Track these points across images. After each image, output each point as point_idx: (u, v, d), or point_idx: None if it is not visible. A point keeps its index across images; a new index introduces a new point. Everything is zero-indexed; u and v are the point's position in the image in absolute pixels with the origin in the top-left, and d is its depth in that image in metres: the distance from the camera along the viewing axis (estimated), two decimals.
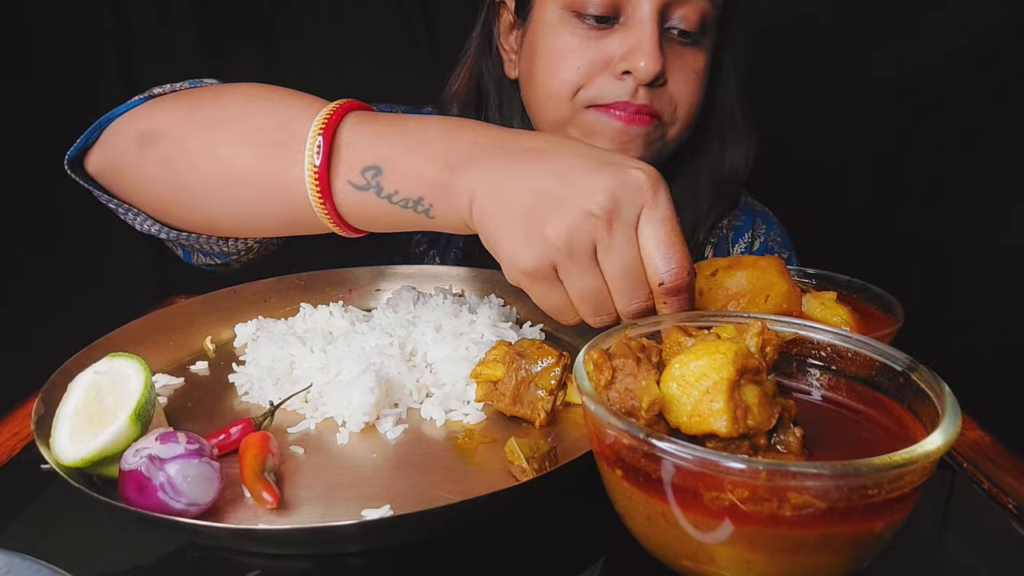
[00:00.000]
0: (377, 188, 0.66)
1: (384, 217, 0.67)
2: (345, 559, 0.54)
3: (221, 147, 0.71)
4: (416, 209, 0.65)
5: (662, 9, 0.92)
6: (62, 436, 0.56)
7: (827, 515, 0.40)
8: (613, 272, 0.60)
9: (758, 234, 1.21)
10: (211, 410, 0.70)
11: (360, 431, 0.66)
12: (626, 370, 0.50)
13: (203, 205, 0.74)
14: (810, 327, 0.57)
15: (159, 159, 0.74)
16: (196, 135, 0.73)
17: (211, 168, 0.72)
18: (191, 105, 0.76)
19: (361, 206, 0.67)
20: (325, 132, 0.66)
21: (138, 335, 0.77)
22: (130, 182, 0.77)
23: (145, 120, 0.76)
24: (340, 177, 0.67)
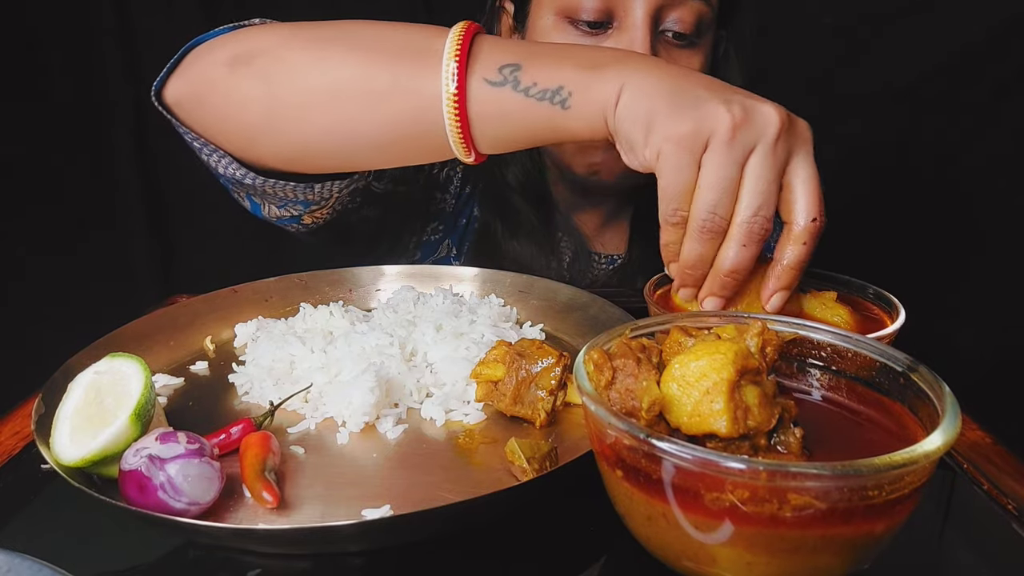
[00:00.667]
0: (515, 82, 0.64)
1: (516, 115, 0.65)
2: (345, 559, 0.54)
3: (330, 59, 0.68)
4: (552, 100, 0.63)
5: (655, 12, 0.91)
6: (62, 436, 0.56)
7: (827, 516, 0.40)
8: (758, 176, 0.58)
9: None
10: (211, 410, 0.70)
11: (360, 431, 0.66)
12: (626, 370, 0.50)
13: (300, 123, 0.70)
14: (810, 327, 0.57)
15: (255, 76, 0.70)
16: (301, 49, 0.69)
17: (316, 80, 0.68)
18: (293, 27, 0.72)
19: (494, 104, 0.65)
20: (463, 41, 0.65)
21: (138, 335, 0.77)
22: (217, 108, 0.72)
23: (238, 42, 0.72)
24: (476, 75, 0.64)
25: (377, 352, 0.73)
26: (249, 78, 0.70)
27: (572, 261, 1.15)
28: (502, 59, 0.65)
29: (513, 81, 0.64)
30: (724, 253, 0.61)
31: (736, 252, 0.61)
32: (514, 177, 1.10)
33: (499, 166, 1.10)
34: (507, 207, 1.11)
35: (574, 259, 1.15)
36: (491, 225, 1.12)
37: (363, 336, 0.75)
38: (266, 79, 0.70)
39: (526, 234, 1.11)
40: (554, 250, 1.14)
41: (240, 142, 0.74)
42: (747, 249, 0.61)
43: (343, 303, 0.87)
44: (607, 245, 1.20)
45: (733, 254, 0.61)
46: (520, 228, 1.11)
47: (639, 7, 0.91)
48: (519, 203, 1.10)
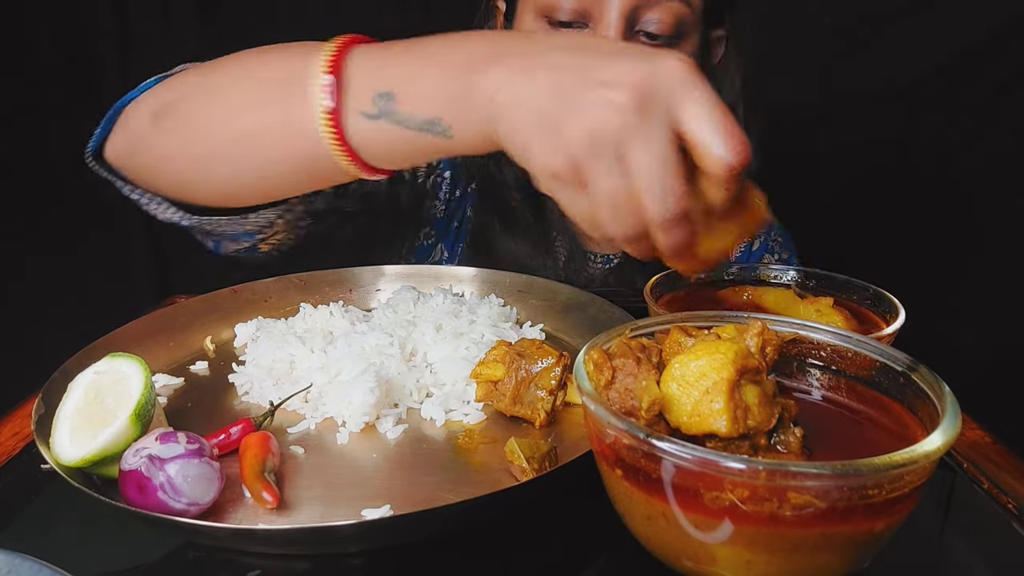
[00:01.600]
0: (390, 114, 0.62)
1: (402, 145, 0.63)
2: (345, 559, 0.54)
3: (228, 106, 0.70)
4: (434, 131, 0.61)
5: (629, 13, 0.91)
6: (62, 436, 0.55)
7: (827, 515, 0.40)
8: (645, 167, 0.52)
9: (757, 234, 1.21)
10: (211, 410, 0.70)
11: (360, 431, 0.66)
12: (626, 370, 0.50)
13: (219, 170, 0.72)
14: (810, 327, 0.57)
15: (171, 131, 0.73)
16: (203, 99, 0.72)
17: (220, 128, 0.70)
18: (201, 73, 0.75)
19: (377, 137, 0.63)
20: (333, 64, 0.63)
21: (138, 335, 0.77)
22: (148, 162, 0.76)
23: (156, 96, 0.76)
24: (351, 109, 0.63)
25: (377, 352, 0.73)
26: (167, 133, 0.73)
27: (568, 260, 1.15)
28: (374, 85, 0.62)
29: (388, 113, 0.62)
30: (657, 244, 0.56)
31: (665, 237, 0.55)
32: (511, 175, 1.10)
33: (496, 164, 1.10)
34: (504, 205, 1.11)
35: (569, 258, 1.15)
36: (487, 223, 1.12)
37: (363, 336, 0.75)
38: (181, 133, 0.73)
39: (522, 232, 1.11)
40: (549, 249, 1.14)
41: (176, 192, 0.77)
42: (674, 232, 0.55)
43: (343, 303, 0.87)
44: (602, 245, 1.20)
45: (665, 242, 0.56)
46: (516, 226, 1.11)
47: (613, 7, 0.90)
48: (516, 201, 1.10)
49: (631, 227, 0.55)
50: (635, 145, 0.53)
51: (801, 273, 0.80)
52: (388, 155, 0.66)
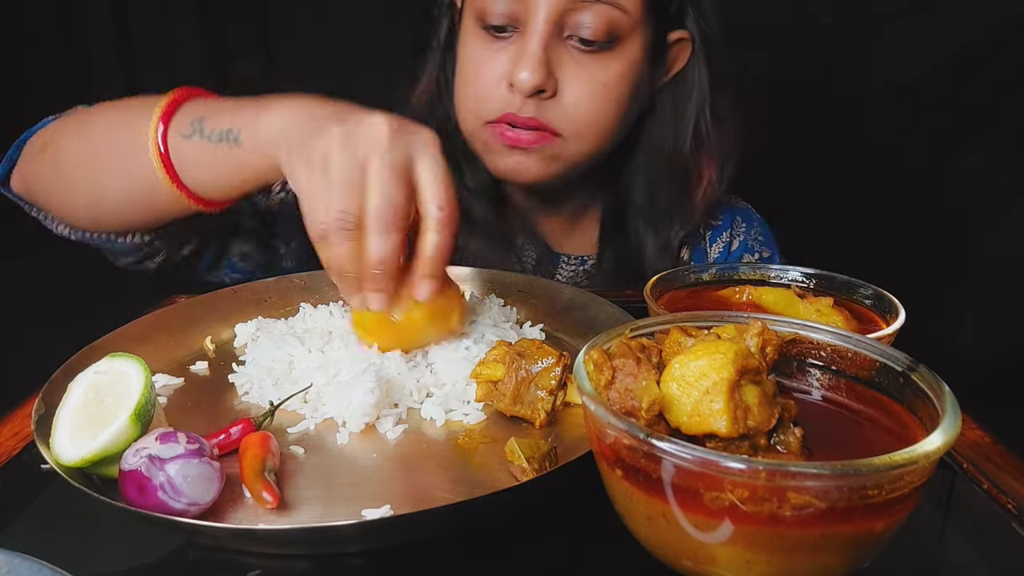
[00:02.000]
0: (200, 131, 0.76)
1: (208, 159, 0.76)
2: (345, 559, 0.54)
3: (89, 142, 0.84)
4: (227, 139, 0.75)
5: (557, 18, 0.91)
6: (62, 436, 0.56)
7: (827, 515, 0.40)
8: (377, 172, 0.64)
9: (737, 233, 1.20)
10: (211, 410, 0.70)
11: (360, 431, 0.66)
12: (626, 370, 0.50)
13: (82, 198, 0.85)
14: (810, 327, 0.57)
15: (50, 161, 0.86)
16: (73, 136, 0.86)
17: (82, 161, 0.84)
18: (77, 115, 0.89)
19: (190, 152, 0.77)
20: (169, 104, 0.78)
21: (138, 335, 0.77)
22: (38, 188, 0.89)
23: (45, 132, 0.89)
24: (173, 132, 0.77)
25: (376, 352, 0.73)
26: (47, 164, 0.87)
27: (537, 264, 1.15)
28: (194, 115, 0.77)
29: (199, 130, 0.76)
30: (366, 247, 0.65)
31: (375, 242, 0.65)
32: (472, 181, 1.11)
33: (459, 173, 1.10)
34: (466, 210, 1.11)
35: (539, 262, 1.15)
36: None
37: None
38: (54, 164, 0.86)
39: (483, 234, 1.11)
40: (513, 251, 1.14)
41: (59, 212, 0.89)
42: (386, 238, 0.65)
43: (343, 303, 0.87)
44: (576, 246, 1.19)
45: (374, 245, 0.65)
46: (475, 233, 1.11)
47: (539, 12, 0.90)
48: (475, 207, 1.11)
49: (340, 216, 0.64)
50: (376, 156, 0.65)
51: (802, 274, 0.79)
52: (204, 176, 0.79)
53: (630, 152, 1.10)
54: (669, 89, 1.07)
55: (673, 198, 1.11)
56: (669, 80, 1.06)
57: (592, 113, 0.97)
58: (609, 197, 1.15)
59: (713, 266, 0.82)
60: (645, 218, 1.12)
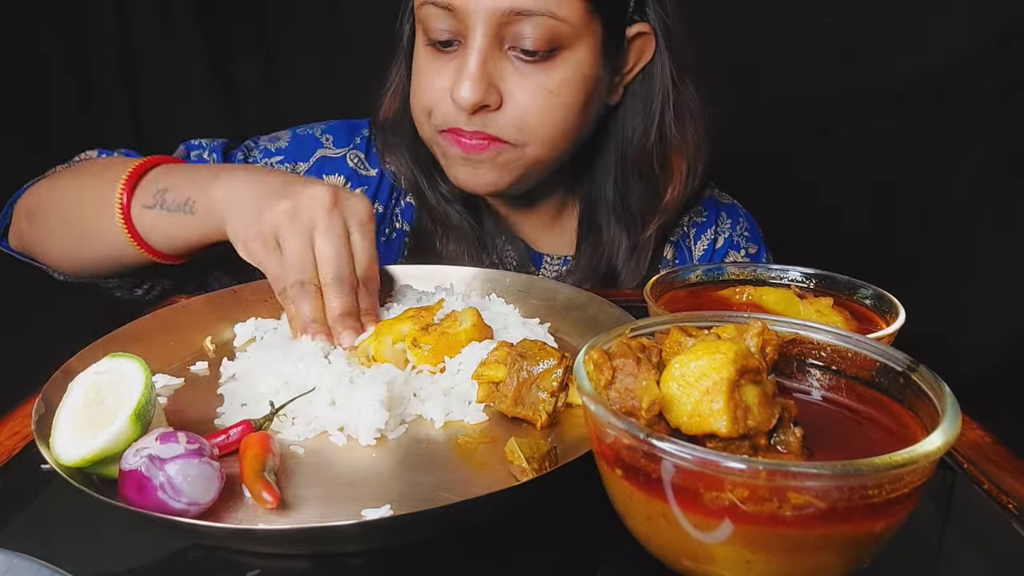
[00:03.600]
0: (161, 203, 0.86)
1: (168, 227, 0.86)
2: (345, 559, 0.54)
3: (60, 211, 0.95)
4: (184, 210, 0.84)
5: (496, 32, 0.91)
6: (62, 436, 0.55)
7: (827, 515, 0.40)
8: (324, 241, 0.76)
9: (722, 230, 1.19)
10: (211, 410, 0.70)
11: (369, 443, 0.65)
12: (626, 370, 0.50)
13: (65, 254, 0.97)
14: (810, 327, 0.57)
15: (38, 224, 0.97)
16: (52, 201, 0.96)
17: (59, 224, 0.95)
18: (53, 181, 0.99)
19: (152, 221, 0.87)
20: (132, 175, 0.88)
21: (138, 335, 0.77)
22: (29, 246, 1.00)
23: (30, 196, 1.00)
24: (137, 203, 0.87)
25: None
26: (34, 226, 0.98)
27: (519, 266, 1.15)
28: (157, 186, 0.87)
29: (160, 202, 0.86)
30: (330, 306, 0.76)
31: (336, 301, 0.76)
32: (446, 188, 1.11)
33: (431, 181, 1.10)
34: (442, 215, 1.12)
35: (521, 264, 1.15)
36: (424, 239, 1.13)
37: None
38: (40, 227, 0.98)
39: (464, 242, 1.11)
40: (499, 256, 1.14)
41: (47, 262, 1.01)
42: (344, 296, 0.76)
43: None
44: (556, 246, 1.19)
45: (335, 304, 0.76)
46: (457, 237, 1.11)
47: (477, 27, 0.91)
48: (452, 212, 1.11)
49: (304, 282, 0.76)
50: (321, 230, 0.76)
51: (802, 274, 0.79)
52: (168, 241, 0.88)
53: (601, 147, 1.10)
54: (637, 83, 1.06)
55: (644, 194, 1.10)
56: (637, 74, 1.05)
57: (541, 120, 0.96)
58: (585, 194, 1.15)
59: (713, 266, 0.82)
60: (617, 215, 1.11)
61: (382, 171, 1.15)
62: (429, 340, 0.73)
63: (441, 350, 0.73)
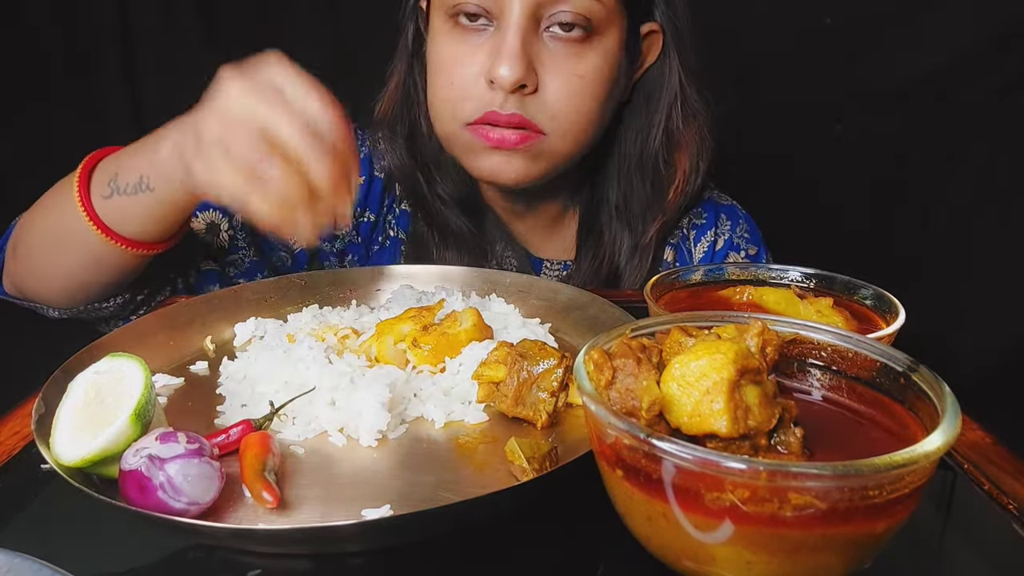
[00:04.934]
0: (116, 189, 0.82)
1: (134, 211, 0.82)
2: (345, 559, 0.54)
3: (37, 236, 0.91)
4: (142, 189, 0.80)
5: (534, 10, 0.90)
6: (62, 436, 0.55)
7: (828, 515, 0.40)
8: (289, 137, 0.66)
9: (722, 231, 1.19)
10: (211, 410, 0.70)
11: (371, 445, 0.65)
12: (626, 370, 0.50)
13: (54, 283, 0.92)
14: (810, 327, 0.57)
15: (21, 261, 0.93)
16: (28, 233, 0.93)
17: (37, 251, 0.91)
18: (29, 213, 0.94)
19: (114, 210, 0.83)
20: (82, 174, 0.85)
21: (138, 335, 0.77)
22: (25, 284, 0.95)
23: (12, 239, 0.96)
24: (95, 196, 0.83)
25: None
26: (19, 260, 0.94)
27: (518, 271, 1.13)
28: (106, 174, 0.83)
29: (115, 189, 0.82)
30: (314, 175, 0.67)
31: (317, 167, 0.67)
32: (445, 191, 1.10)
33: (429, 183, 1.09)
34: (440, 220, 1.10)
35: (520, 269, 1.14)
36: (420, 245, 1.11)
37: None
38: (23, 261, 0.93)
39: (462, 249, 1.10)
40: (498, 262, 1.14)
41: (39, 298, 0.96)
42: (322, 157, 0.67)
43: (348, 306, 0.86)
44: (556, 251, 1.18)
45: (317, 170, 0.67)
46: (452, 244, 1.10)
47: (516, 4, 0.90)
48: (451, 218, 1.10)
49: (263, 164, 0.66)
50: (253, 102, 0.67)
51: (802, 274, 0.79)
52: (139, 226, 0.84)
53: (606, 150, 1.10)
54: (642, 83, 1.06)
55: (647, 194, 1.10)
56: (642, 74, 1.06)
57: (573, 107, 0.96)
58: (586, 198, 1.14)
59: (713, 266, 0.82)
60: (620, 216, 1.11)
61: (372, 176, 1.13)
62: (429, 340, 0.73)
63: (441, 350, 0.73)
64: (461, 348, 0.73)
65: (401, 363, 0.73)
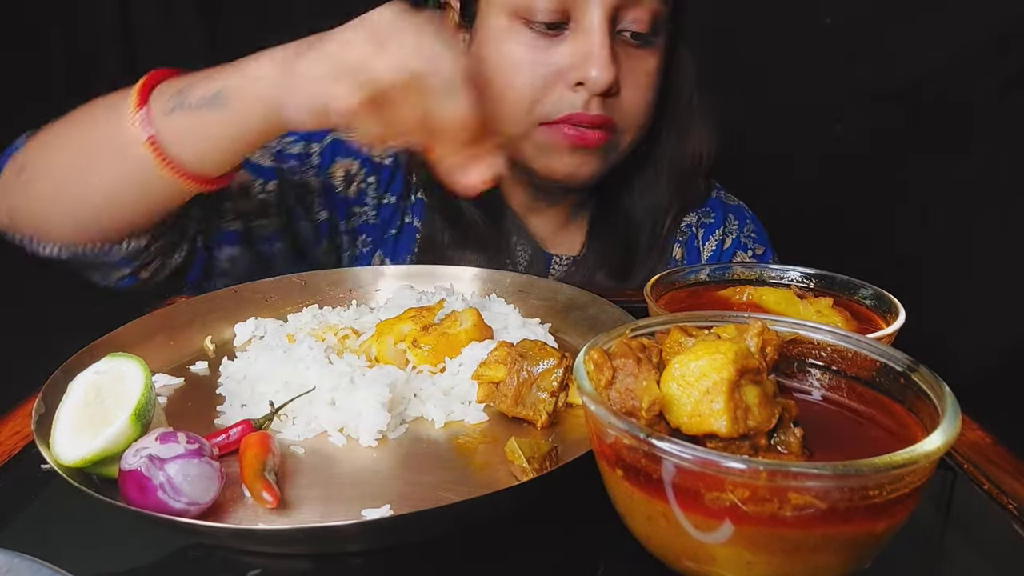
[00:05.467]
0: (182, 103, 0.76)
1: (196, 129, 0.76)
2: (345, 559, 0.54)
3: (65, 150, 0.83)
4: (213, 104, 0.74)
5: (612, 13, 0.91)
6: (62, 436, 0.55)
7: (828, 515, 0.40)
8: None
9: (729, 231, 1.20)
10: (211, 410, 0.70)
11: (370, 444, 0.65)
12: (626, 370, 0.50)
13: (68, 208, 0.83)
14: (810, 327, 0.57)
15: (30, 180, 0.85)
16: (49, 148, 0.85)
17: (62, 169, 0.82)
18: (49, 128, 0.87)
19: (177, 128, 0.76)
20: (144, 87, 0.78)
21: (138, 335, 0.77)
22: (20, 210, 0.87)
23: (21, 152, 0.87)
24: (156, 111, 0.77)
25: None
26: (27, 184, 0.85)
27: (529, 266, 1.14)
28: (172, 90, 0.77)
29: (180, 104, 0.76)
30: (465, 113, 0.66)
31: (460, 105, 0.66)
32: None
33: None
34: (454, 214, 1.10)
35: (531, 263, 1.15)
36: (435, 236, 1.11)
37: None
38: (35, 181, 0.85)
39: (474, 242, 1.09)
40: (508, 255, 1.13)
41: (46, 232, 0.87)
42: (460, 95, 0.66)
43: (346, 306, 0.86)
44: (565, 246, 1.19)
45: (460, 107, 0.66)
46: (467, 236, 1.09)
47: (596, 8, 0.90)
48: (467, 209, 1.09)
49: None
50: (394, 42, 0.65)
51: (801, 274, 0.79)
52: (192, 145, 0.77)
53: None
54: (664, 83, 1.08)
55: (663, 191, 1.12)
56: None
57: (644, 106, 1.00)
58: (602, 195, 1.15)
59: (713, 266, 0.82)
60: (632, 211, 1.13)
61: (397, 160, 1.13)
62: (429, 340, 0.73)
63: (441, 350, 0.73)
64: (461, 348, 0.74)
65: (401, 363, 0.73)
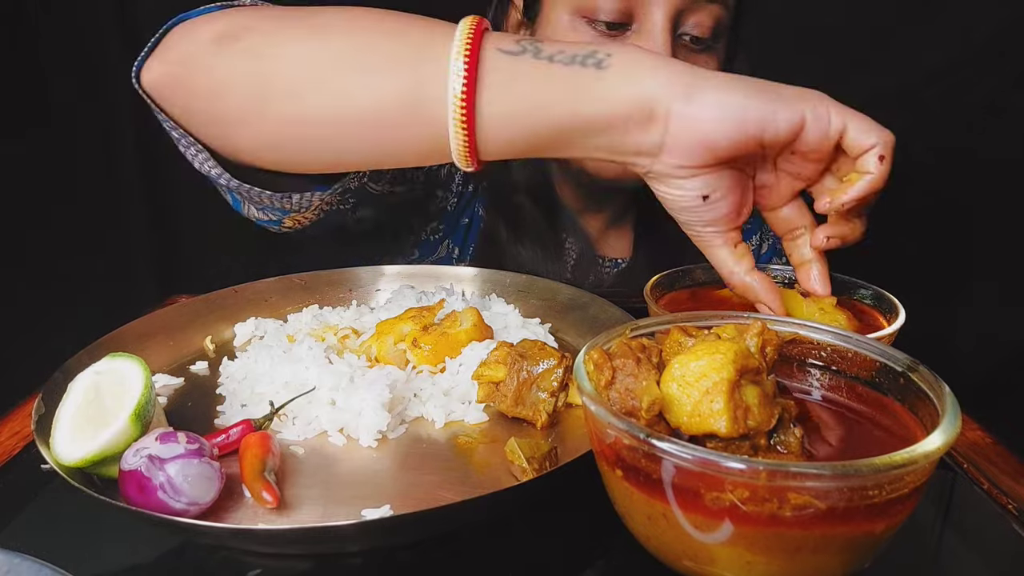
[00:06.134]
0: (535, 51, 0.59)
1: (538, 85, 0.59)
2: (345, 559, 0.54)
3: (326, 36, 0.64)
4: (585, 63, 0.59)
5: (674, 16, 0.91)
6: (62, 436, 0.55)
7: (827, 516, 0.40)
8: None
9: (767, 236, 1.20)
10: (211, 410, 0.70)
11: (370, 445, 0.65)
12: (626, 370, 0.50)
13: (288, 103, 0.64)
14: (810, 327, 0.57)
15: (243, 52, 0.65)
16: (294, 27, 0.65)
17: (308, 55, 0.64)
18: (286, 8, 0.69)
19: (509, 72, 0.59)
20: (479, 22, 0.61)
21: (138, 335, 0.77)
22: (198, 90, 0.67)
23: (227, 19, 0.68)
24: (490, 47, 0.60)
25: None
26: (237, 55, 0.65)
27: (576, 264, 1.14)
28: (520, 36, 0.63)
29: (534, 50, 0.60)
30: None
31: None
32: (520, 176, 1.09)
33: (504, 166, 1.08)
34: (513, 209, 1.10)
35: (578, 262, 1.15)
36: (496, 229, 1.11)
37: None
38: (256, 55, 0.65)
39: (532, 237, 1.10)
40: (559, 253, 1.14)
41: (220, 129, 0.69)
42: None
43: (346, 306, 0.86)
44: (611, 248, 1.19)
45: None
46: (525, 231, 1.10)
47: (659, 10, 0.90)
48: (525, 204, 1.09)
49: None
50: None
51: None
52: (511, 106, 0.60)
53: None
54: None
55: None
56: None
57: None
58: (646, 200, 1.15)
59: None
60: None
61: None
62: (429, 340, 0.73)
63: (441, 350, 0.73)
64: (461, 348, 0.74)
65: (401, 363, 0.73)
